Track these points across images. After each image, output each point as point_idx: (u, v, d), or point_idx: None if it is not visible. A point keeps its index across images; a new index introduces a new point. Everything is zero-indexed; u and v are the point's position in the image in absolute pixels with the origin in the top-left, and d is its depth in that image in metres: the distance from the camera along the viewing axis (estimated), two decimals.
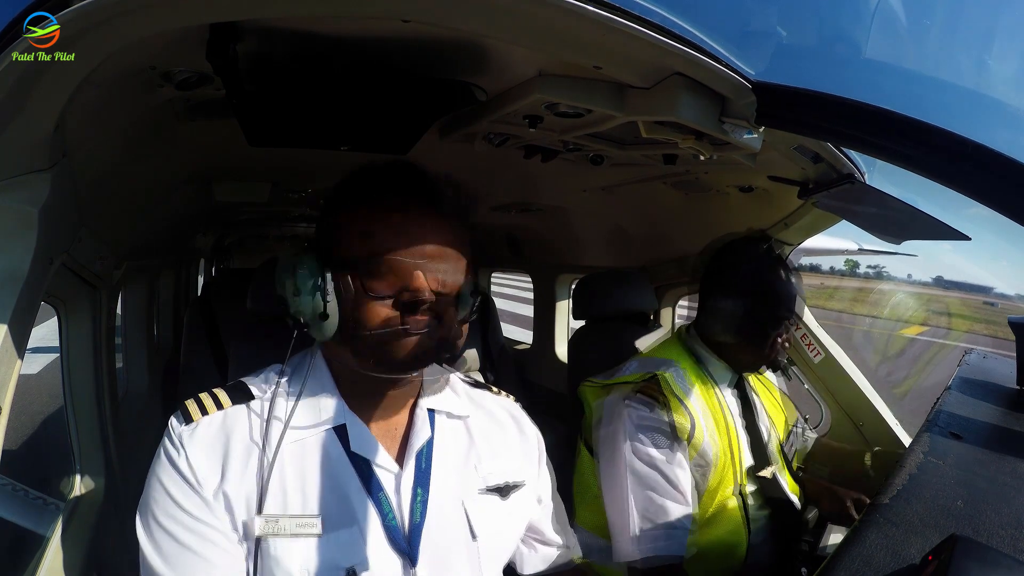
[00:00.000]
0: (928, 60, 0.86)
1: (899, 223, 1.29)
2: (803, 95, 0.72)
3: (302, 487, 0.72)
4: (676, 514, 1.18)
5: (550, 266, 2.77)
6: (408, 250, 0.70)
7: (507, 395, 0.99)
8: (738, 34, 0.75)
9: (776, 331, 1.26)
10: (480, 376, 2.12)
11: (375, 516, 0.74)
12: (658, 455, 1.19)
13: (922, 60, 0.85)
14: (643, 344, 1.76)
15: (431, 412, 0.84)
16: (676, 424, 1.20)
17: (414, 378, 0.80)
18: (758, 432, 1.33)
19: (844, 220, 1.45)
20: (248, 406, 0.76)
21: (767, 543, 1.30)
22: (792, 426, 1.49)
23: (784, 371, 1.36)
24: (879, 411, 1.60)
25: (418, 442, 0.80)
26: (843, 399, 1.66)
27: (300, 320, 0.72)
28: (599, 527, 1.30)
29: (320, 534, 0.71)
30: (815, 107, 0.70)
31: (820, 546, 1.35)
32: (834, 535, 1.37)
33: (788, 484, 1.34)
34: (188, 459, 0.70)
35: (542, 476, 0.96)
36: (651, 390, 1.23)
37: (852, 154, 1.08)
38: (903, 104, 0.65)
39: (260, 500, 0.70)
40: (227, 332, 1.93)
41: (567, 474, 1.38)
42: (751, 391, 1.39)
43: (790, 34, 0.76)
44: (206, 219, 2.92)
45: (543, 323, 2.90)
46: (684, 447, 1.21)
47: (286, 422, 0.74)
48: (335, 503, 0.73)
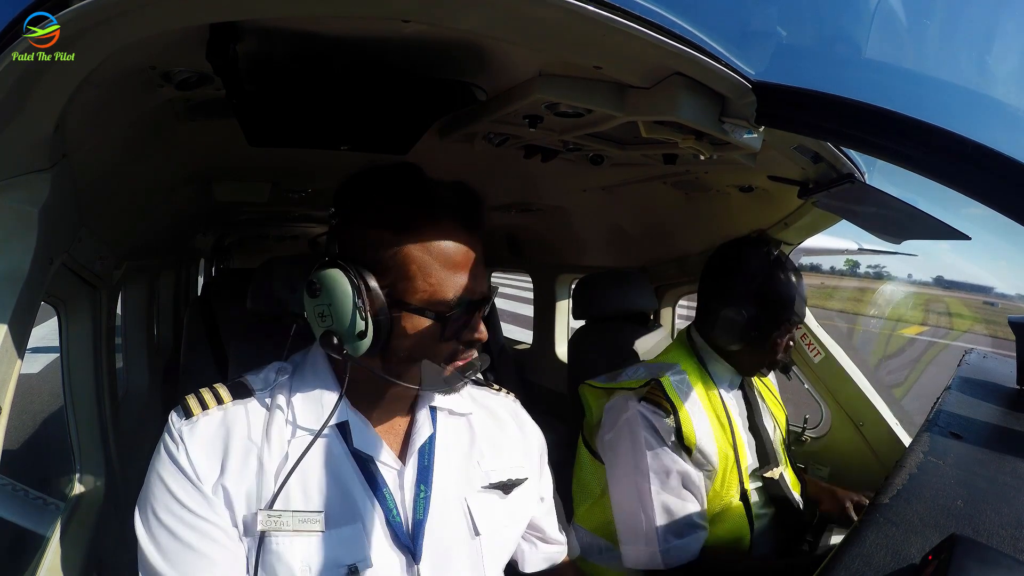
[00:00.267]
0: (928, 60, 0.86)
1: (899, 223, 1.29)
2: (803, 95, 0.72)
3: (304, 484, 0.72)
4: (694, 515, 1.19)
5: (550, 266, 2.77)
6: (471, 289, 0.72)
7: (508, 393, 0.99)
8: (738, 34, 0.75)
9: (780, 335, 1.26)
10: (480, 375, 2.11)
11: (378, 513, 0.74)
12: (669, 459, 1.19)
13: (922, 60, 0.85)
14: (643, 344, 1.76)
15: (433, 409, 0.84)
16: (681, 428, 1.20)
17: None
18: (761, 432, 1.33)
19: (844, 220, 1.45)
20: (249, 403, 0.75)
21: (770, 542, 1.30)
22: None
23: (785, 371, 1.36)
24: (879, 411, 1.60)
25: (420, 439, 0.80)
26: (843, 399, 1.66)
27: (333, 334, 0.71)
28: (599, 527, 1.30)
29: (322, 531, 0.71)
30: (815, 107, 0.71)
31: (820, 546, 1.35)
32: (834, 536, 1.37)
33: (791, 483, 1.35)
34: (188, 454, 0.70)
35: (543, 474, 0.96)
36: (656, 395, 1.23)
37: (852, 154, 1.08)
38: (903, 104, 0.65)
39: (260, 496, 0.70)
40: (227, 332, 1.94)
41: (567, 474, 1.38)
42: (754, 391, 1.39)
43: (790, 34, 0.77)
44: (206, 219, 2.92)
45: (543, 323, 2.90)
46: (690, 451, 1.21)
47: (291, 420, 0.74)
48: (337, 500, 0.73)
